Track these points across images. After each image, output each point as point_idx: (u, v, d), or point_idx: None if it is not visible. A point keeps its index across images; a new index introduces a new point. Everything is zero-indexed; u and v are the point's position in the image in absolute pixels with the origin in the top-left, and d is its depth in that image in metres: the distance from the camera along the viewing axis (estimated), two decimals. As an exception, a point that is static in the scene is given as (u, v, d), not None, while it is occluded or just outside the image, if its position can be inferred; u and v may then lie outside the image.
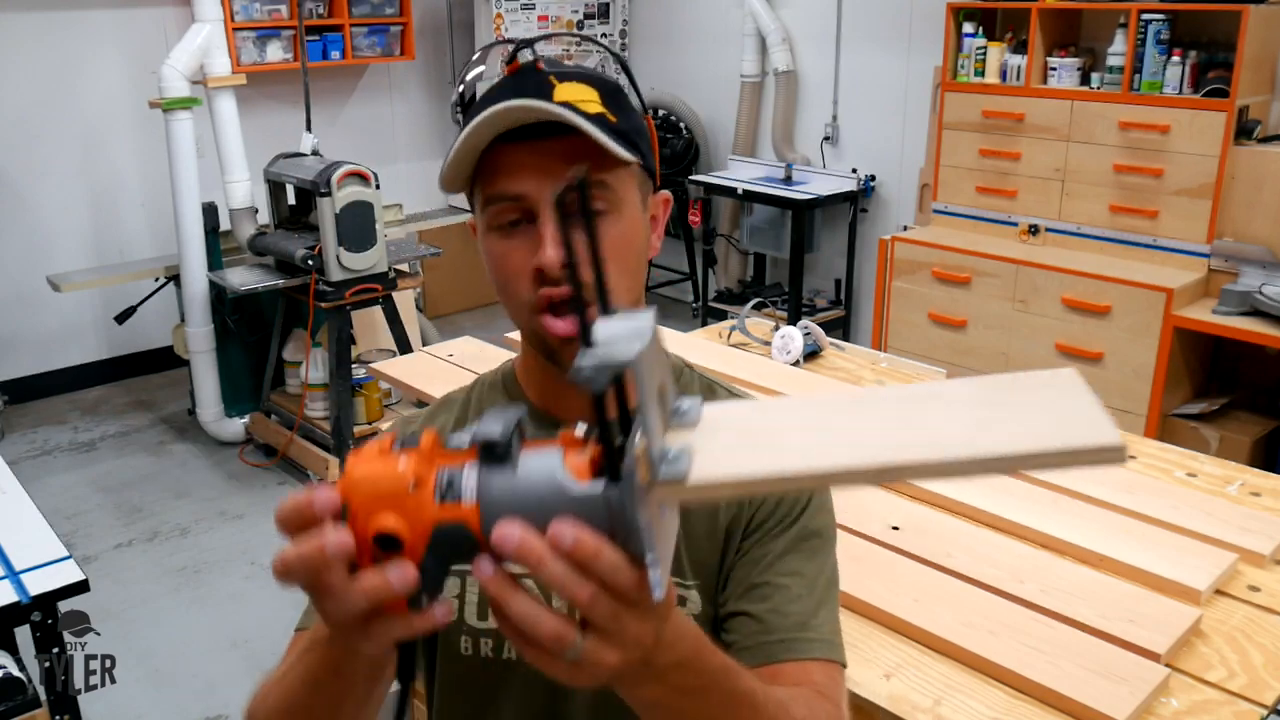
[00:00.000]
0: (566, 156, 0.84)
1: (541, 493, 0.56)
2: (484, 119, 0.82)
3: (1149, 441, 2.12)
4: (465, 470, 0.57)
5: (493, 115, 0.82)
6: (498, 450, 0.56)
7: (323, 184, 3.59)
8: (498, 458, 0.57)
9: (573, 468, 0.56)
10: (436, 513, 0.56)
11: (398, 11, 5.27)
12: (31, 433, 4.49)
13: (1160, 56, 3.60)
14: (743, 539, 0.94)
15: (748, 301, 2.81)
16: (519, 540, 0.55)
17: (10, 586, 1.77)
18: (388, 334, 4.07)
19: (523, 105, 0.81)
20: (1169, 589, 1.53)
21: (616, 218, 0.88)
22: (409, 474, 0.56)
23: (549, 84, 0.85)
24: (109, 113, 4.75)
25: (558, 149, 0.84)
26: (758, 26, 5.20)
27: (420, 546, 0.57)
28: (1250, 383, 3.74)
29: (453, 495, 0.56)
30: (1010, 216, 4.08)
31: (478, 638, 0.95)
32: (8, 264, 4.61)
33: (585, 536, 0.55)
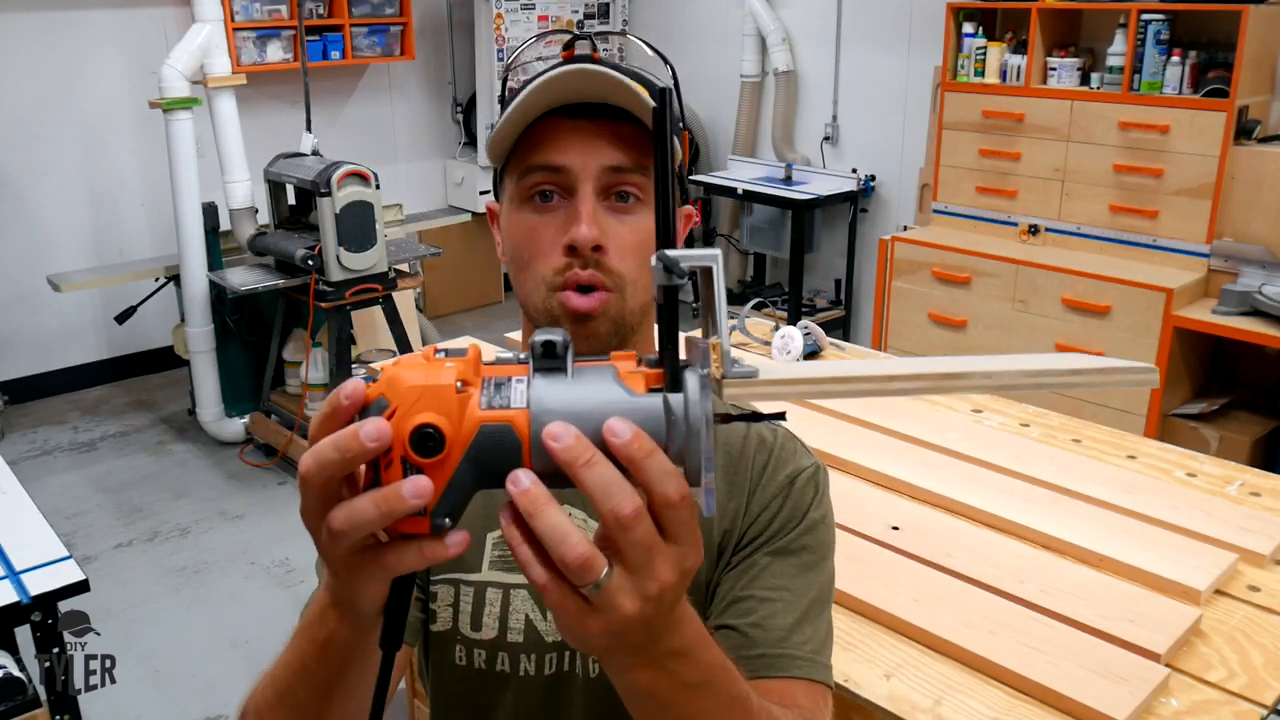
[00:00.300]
0: (614, 136, 0.84)
1: (598, 399, 0.54)
2: (545, 82, 0.81)
3: (1149, 441, 2.12)
4: (514, 380, 0.55)
5: (555, 78, 0.81)
6: (555, 357, 0.54)
7: (323, 184, 3.59)
8: (552, 365, 0.55)
9: (629, 381, 0.55)
10: (482, 415, 0.53)
11: (398, 11, 5.27)
12: (31, 433, 4.49)
13: (1160, 56, 3.60)
14: (733, 553, 0.91)
15: (748, 301, 2.81)
16: (572, 439, 0.52)
17: (10, 586, 1.77)
18: (388, 334, 4.07)
19: (589, 70, 0.80)
20: (1169, 589, 1.53)
21: (649, 212, 0.86)
22: (455, 374, 0.54)
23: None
24: (109, 113, 4.75)
25: (606, 129, 0.84)
26: (758, 26, 5.20)
27: (460, 450, 0.53)
28: (1250, 383, 3.74)
29: (501, 400, 0.54)
30: (1010, 216, 4.08)
31: (471, 649, 0.94)
32: (8, 264, 4.61)
33: (642, 432, 0.53)
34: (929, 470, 1.90)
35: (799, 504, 0.92)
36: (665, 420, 0.54)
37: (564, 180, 0.84)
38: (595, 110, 0.83)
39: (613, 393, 0.54)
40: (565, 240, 0.83)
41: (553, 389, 0.54)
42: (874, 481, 1.90)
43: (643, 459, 0.52)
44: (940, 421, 2.12)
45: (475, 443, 0.53)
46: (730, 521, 0.91)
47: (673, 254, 0.53)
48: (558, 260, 0.84)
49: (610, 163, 0.84)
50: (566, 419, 0.53)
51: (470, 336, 2.92)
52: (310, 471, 0.54)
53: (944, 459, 1.96)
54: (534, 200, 0.86)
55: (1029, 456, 1.95)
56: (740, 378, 0.53)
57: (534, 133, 0.85)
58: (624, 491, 0.52)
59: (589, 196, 0.84)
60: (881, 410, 2.16)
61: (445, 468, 0.53)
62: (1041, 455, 1.96)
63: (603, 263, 0.84)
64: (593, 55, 0.86)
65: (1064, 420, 2.19)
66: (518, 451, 0.53)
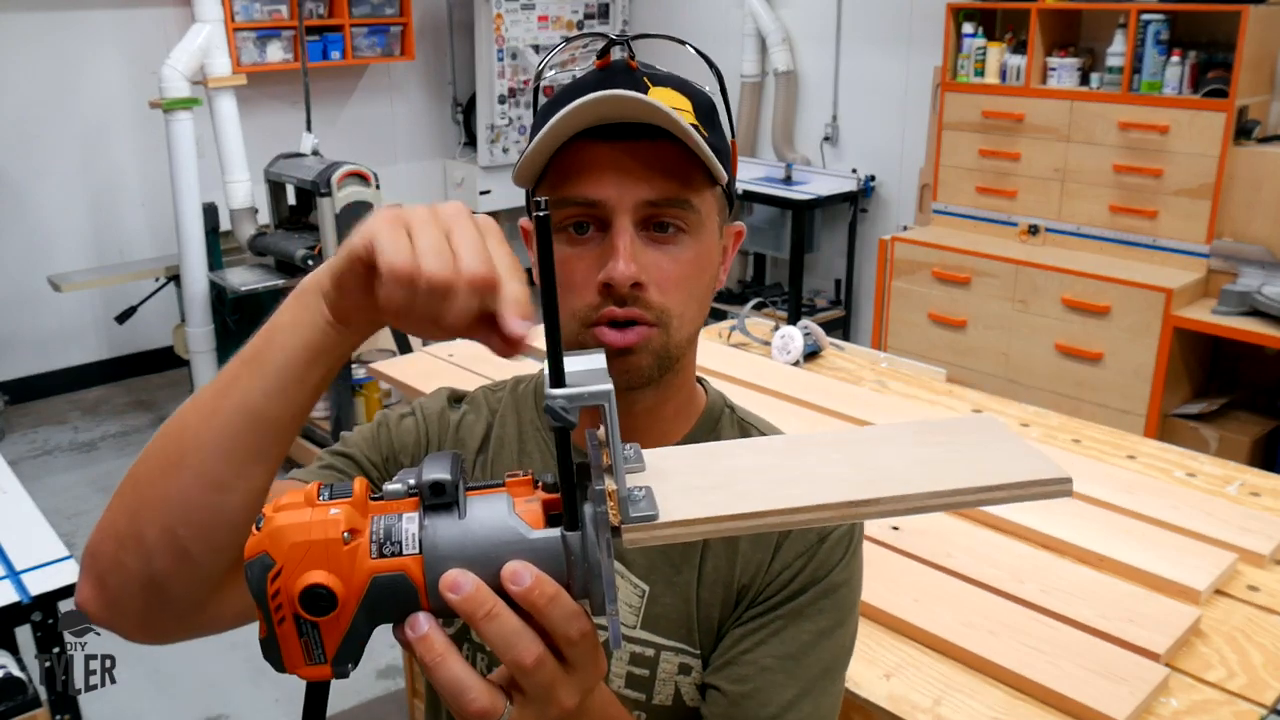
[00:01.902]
0: (653, 164, 0.77)
1: (494, 540, 0.52)
2: (577, 108, 0.74)
3: (1149, 441, 2.12)
4: (404, 519, 0.53)
5: (587, 105, 0.74)
6: (445, 495, 0.52)
7: (323, 184, 3.59)
8: (443, 503, 0.52)
9: (524, 514, 0.53)
10: (373, 565, 0.52)
11: (398, 11, 5.27)
12: (32, 433, 4.49)
13: (1160, 57, 3.61)
14: (749, 606, 0.86)
15: (748, 301, 2.80)
16: (471, 589, 0.51)
17: (11, 586, 1.77)
18: (388, 334, 4.07)
19: (624, 97, 0.74)
20: (1169, 589, 1.53)
21: (695, 239, 0.81)
22: (341, 524, 0.52)
23: (643, 85, 0.78)
24: (109, 113, 4.75)
25: (644, 154, 0.77)
26: (758, 26, 5.20)
27: (354, 602, 0.52)
28: (1250, 383, 3.74)
29: (392, 546, 0.52)
30: (1010, 216, 4.08)
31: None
32: (8, 264, 4.61)
33: (544, 577, 0.51)
34: (929, 470, 1.89)
35: (824, 564, 0.86)
36: (565, 559, 0.52)
37: (599, 213, 0.78)
38: (632, 130, 0.77)
39: (508, 532, 0.52)
40: (601, 277, 0.77)
41: (445, 530, 0.52)
42: (874, 481, 1.90)
43: (545, 605, 0.52)
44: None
45: (369, 594, 0.52)
46: (750, 576, 0.86)
47: (559, 394, 0.50)
48: (591, 296, 0.79)
49: (649, 196, 0.78)
50: (462, 563, 0.51)
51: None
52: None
53: (944, 459, 1.95)
54: (568, 231, 0.80)
55: (1029, 456, 1.94)
56: (638, 522, 0.51)
57: (566, 157, 0.78)
58: (524, 640, 0.52)
59: (626, 230, 0.77)
60: (882, 411, 2.16)
61: (340, 621, 0.52)
62: (1041, 455, 1.96)
63: (642, 298, 0.78)
64: (629, 63, 0.80)
65: (1064, 420, 2.19)
66: (414, 596, 0.52)
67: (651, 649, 0.86)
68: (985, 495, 0.53)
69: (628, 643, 0.86)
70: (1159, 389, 3.53)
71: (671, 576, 0.86)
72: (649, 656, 0.86)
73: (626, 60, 0.80)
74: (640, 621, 0.86)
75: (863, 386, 2.36)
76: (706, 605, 0.86)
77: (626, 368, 0.80)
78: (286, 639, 0.54)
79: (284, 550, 0.52)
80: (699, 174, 0.79)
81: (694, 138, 0.75)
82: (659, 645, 0.86)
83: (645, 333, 0.79)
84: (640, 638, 0.86)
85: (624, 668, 0.86)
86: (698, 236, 0.81)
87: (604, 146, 0.77)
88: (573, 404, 0.50)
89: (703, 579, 0.86)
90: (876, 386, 2.38)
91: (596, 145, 0.77)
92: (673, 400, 0.89)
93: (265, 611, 0.53)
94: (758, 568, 0.85)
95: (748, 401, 1.05)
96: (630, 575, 0.87)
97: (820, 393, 2.25)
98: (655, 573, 0.86)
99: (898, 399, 2.29)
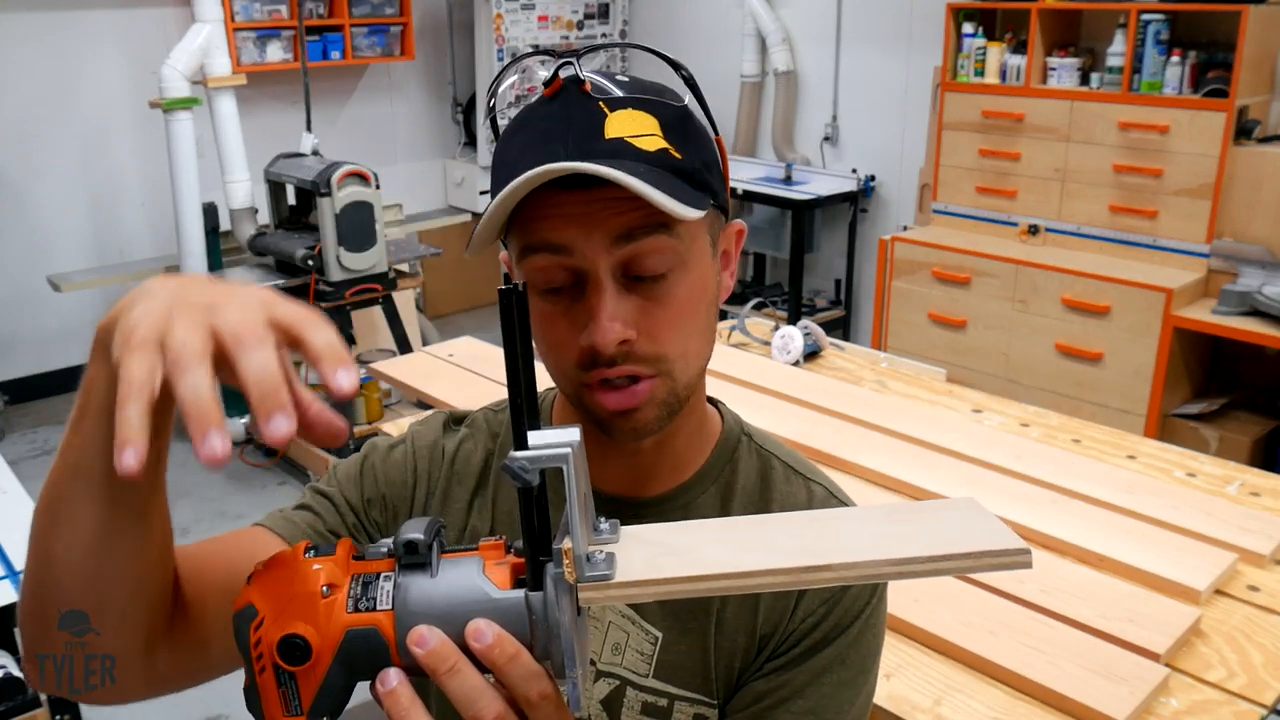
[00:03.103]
0: (619, 198, 0.68)
1: (461, 598, 0.54)
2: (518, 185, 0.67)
3: (1149, 441, 2.12)
4: (381, 578, 0.55)
5: (528, 180, 0.67)
6: (418, 554, 0.55)
7: (323, 184, 3.59)
8: (417, 563, 0.55)
9: (493, 576, 0.55)
10: (348, 619, 0.54)
11: (398, 11, 5.27)
12: (32, 433, 4.49)
13: (1160, 57, 3.61)
14: (770, 656, 0.81)
15: (748, 301, 2.80)
16: (435, 644, 0.52)
17: (10, 586, 1.77)
18: (388, 334, 4.08)
19: (564, 168, 0.66)
20: (1169, 589, 1.53)
21: (683, 274, 0.73)
22: (321, 579, 0.55)
23: (599, 113, 0.70)
24: (109, 113, 4.75)
25: (610, 197, 0.68)
26: (758, 26, 5.20)
27: (329, 654, 0.54)
28: (1250, 383, 3.74)
29: (367, 601, 0.55)
30: (1010, 216, 4.08)
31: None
32: (8, 264, 4.61)
33: (506, 635, 0.52)
34: (929, 470, 1.90)
35: (849, 611, 0.80)
36: (528, 619, 0.54)
37: (570, 262, 0.70)
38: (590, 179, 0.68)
39: (475, 591, 0.54)
40: (583, 342, 0.71)
41: (417, 587, 0.55)
42: (874, 481, 1.90)
43: (505, 663, 0.52)
44: (940, 422, 2.12)
45: (343, 646, 0.54)
46: (773, 625, 0.81)
47: (519, 457, 0.52)
48: (576, 357, 0.72)
49: (620, 230, 0.69)
50: (430, 619, 0.54)
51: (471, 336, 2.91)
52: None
53: (944, 459, 1.95)
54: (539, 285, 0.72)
55: (1029, 456, 1.95)
56: (594, 581, 0.53)
57: (526, 204, 0.70)
58: (485, 698, 0.53)
59: (604, 284, 0.70)
60: (882, 411, 2.16)
61: (316, 672, 0.55)
62: (1041, 455, 1.96)
63: (634, 353, 0.71)
64: (581, 87, 0.71)
65: (1064, 420, 2.19)
66: (386, 651, 0.54)
67: (665, 699, 0.82)
68: (937, 564, 0.54)
69: (640, 692, 0.82)
70: (1159, 389, 3.53)
71: (687, 623, 0.82)
72: (662, 706, 0.82)
73: (578, 82, 0.71)
74: (653, 670, 0.82)
75: (863, 386, 2.36)
76: (726, 654, 0.81)
77: (633, 425, 0.74)
78: (266, 688, 0.56)
79: (267, 602, 0.55)
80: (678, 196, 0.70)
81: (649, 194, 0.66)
82: (672, 695, 0.82)
83: (648, 387, 0.73)
84: (653, 686, 0.82)
85: (636, 717, 0.83)
86: (686, 266, 0.73)
87: (564, 195, 0.69)
88: (533, 465, 0.52)
89: (721, 626, 0.81)
90: (876, 386, 2.38)
91: (557, 194, 0.69)
92: (682, 430, 0.82)
93: (248, 660, 0.56)
94: (781, 615, 0.81)
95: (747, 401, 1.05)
96: (643, 621, 0.82)
97: (820, 393, 2.25)
98: (670, 619, 0.82)
99: (898, 399, 2.29)
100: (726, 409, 0.90)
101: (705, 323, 0.76)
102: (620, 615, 0.83)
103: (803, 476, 0.86)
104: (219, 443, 0.49)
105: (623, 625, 0.83)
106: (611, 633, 0.83)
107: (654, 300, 0.72)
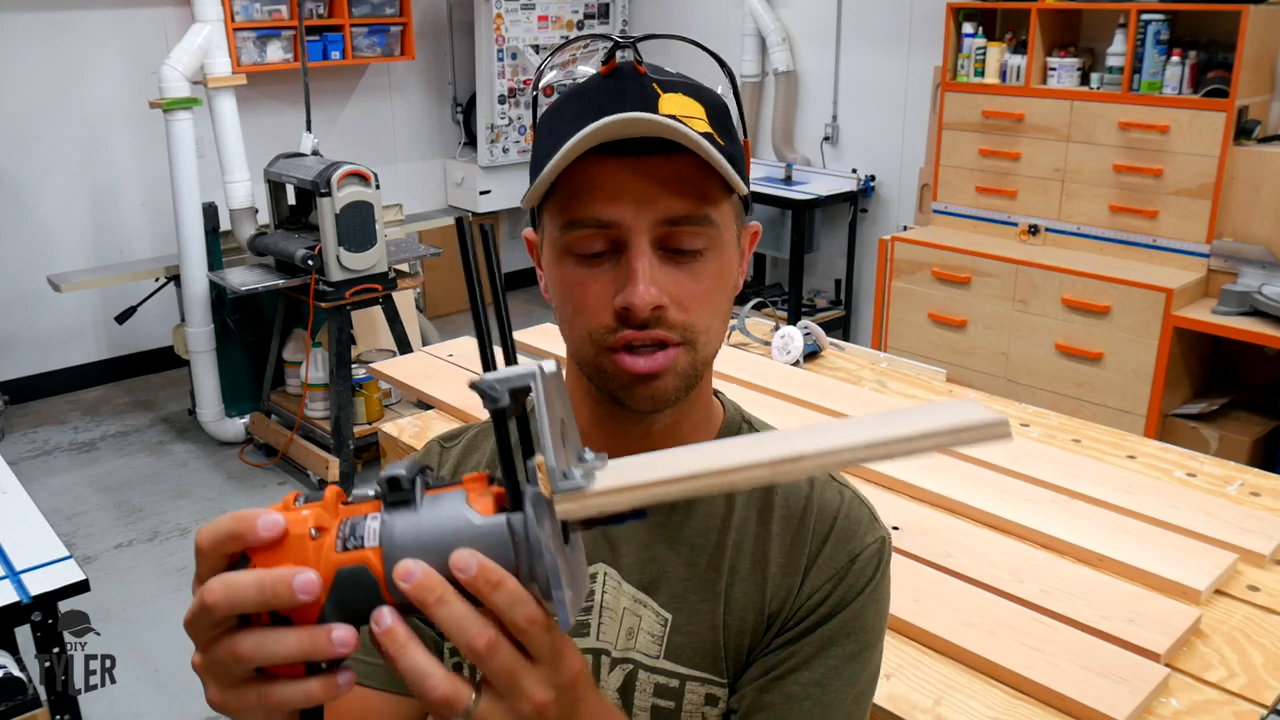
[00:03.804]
0: (669, 181, 0.73)
1: (445, 529, 0.54)
2: (592, 132, 0.71)
3: (1149, 441, 2.12)
4: (368, 519, 0.56)
5: (602, 128, 0.71)
6: (402, 491, 0.55)
7: (323, 184, 3.59)
8: (401, 499, 0.56)
9: (476, 505, 0.55)
10: (338, 559, 0.54)
11: (398, 11, 5.27)
12: (32, 433, 4.49)
13: (1160, 56, 3.61)
14: (778, 632, 0.83)
15: (748, 301, 2.80)
16: (420, 576, 0.52)
17: (10, 586, 1.77)
18: (388, 334, 4.07)
19: (640, 119, 0.71)
20: (1169, 589, 1.53)
21: (716, 254, 0.77)
22: (310, 523, 0.55)
23: (653, 93, 0.74)
24: (109, 113, 4.75)
25: (659, 170, 0.73)
26: (758, 26, 5.20)
27: (320, 594, 0.54)
28: (1250, 383, 3.74)
29: (355, 540, 0.55)
30: (1010, 216, 4.08)
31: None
32: (8, 264, 4.61)
33: (489, 564, 0.52)
34: (929, 470, 1.90)
35: (855, 585, 0.83)
36: (511, 542, 0.54)
37: (615, 234, 0.74)
38: (645, 144, 0.73)
39: (459, 520, 0.54)
40: (619, 302, 0.74)
41: (403, 522, 0.55)
42: (874, 481, 1.90)
43: (490, 592, 0.52)
44: (940, 421, 2.12)
45: (334, 585, 0.54)
46: (780, 602, 0.83)
47: (488, 378, 0.53)
48: (607, 319, 0.75)
49: (667, 214, 0.74)
50: (416, 552, 0.53)
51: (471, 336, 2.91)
52: (216, 601, 0.53)
53: (944, 459, 1.96)
54: (583, 257, 0.76)
55: (1029, 456, 1.95)
56: (568, 492, 0.53)
57: (576, 174, 0.74)
58: (475, 625, 0.52)
59: (643, 253, 0.74)
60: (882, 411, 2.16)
61: (309, 615, 0.54)
62: (1041, 455, 1.96)
63: (665, 319, 0.75)
64: (636, 68, 0.75)
65: (1064, 420, 2.19)
66: (376, 588, 0.54)
67: (676, 679, 0.84)
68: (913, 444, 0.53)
69: (652, 674, 0.84)
70: (1159, 389, 3.53)
71: (696, 604, 0.84)
72: (673, 688, 0.84)
73: (634, 64, 0.76)
74: (664, 651, 0.84)
75: (863, 386, 2.36)
76: (736, 633, 0.83)
77: (652, 393, 0.77)
78: None
79: (259, 554, 0.55)
80: (716, 185, 0.76)
81: (716, 157, 0.72)
82: (683, 675, 0.84)
83: (672, 354, 0.76)
84: (664, 668, 0.84)
85: (649, 700, 0.84)
86: (718, 250, 0.78)
87: (616, 163, 0.73)
88: (502, 384, 0.53)
89: (730, 605, 0.83)
90: (876, 386, 2.38)
91: (608, 162, 0.73)
92: (690, 416, 0.86)
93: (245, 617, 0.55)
94: (788, 592, 0.83)
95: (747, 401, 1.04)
96: (653, 604, 0.84)
97: (820, 393, 2.25)
98: (679, 601, 0.84)
99: (898, 399, 2.29)
100: (727, 398, 0.93)
101: (725, 307, 0.80)
102: (633, 600, 0.84)
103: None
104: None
105: (635, 610, 0.84)
106: (625, 619, 0.84)
107: (687, 274, 0.76)
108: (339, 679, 0.54)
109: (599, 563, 0.85)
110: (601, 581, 0.85)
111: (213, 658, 0.54)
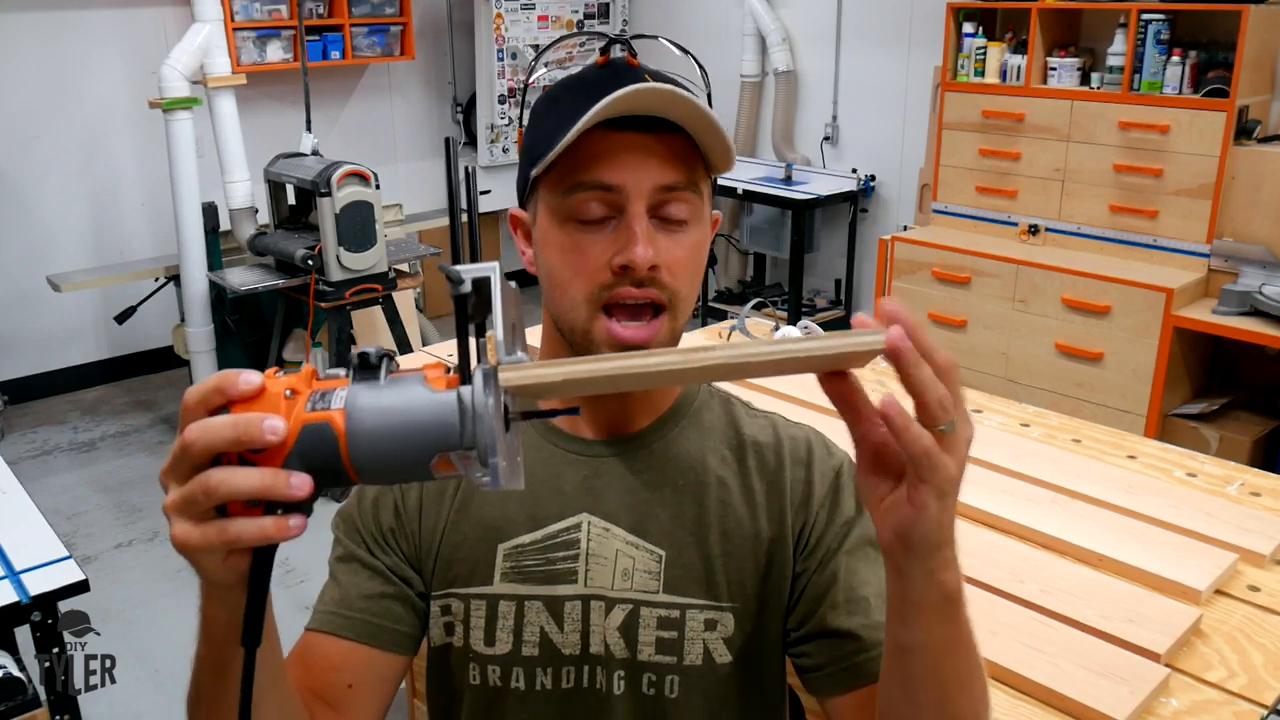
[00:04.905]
0: (664, 154, 0.82)
1: (403, 398, 0.61)
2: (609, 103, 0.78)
3: (1149, 441, 2.12)
4: (337, 390, 0.62)
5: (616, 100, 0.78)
6: (369, 366, 0.62)
7: (323, 184, 3.59)
8: (368, 373, 0.62)
9: (434, 384, 0.62)
10: (306, 416, 0.61)
11: (398, 11, 5.27)
12: (31, 433, 4.49)
13: (1160, 56, 3.60)
14: (806, 556, 0.91)
15: (748, 301, 2.80)
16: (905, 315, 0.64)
17: (10, 586, 1.77)
18: (388, 334, 4.07)
19: (663, 90, 0.78)
20: (1169, 589, 1.53)
21: (698, 226, 0.86)
22: (285, 384, 0.62)
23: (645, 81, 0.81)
24: (109, 113, 4.75)
25: (656, 145, 0.82)
26: (758, 26, 5.20)
27: (287, 441, 0.60)
28: (1250, 383, 3.74)
29: (323, 404, 0.61)
30: (1010, 216, 4.08)
31: (485, 665, 0.92)
32: (8, 264, 4.61)
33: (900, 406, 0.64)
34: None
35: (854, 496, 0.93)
36: (459, 411, 0.60)
37: (614, 199, 0.82)
38: (644, 122, 0.81)
39: (417, 392, 0.61)
40: (619, 260, 0.82)
41: (366, 393, 0.61)
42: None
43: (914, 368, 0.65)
44: (940, 421, 2.12)
45: (300, 439, 0.60)
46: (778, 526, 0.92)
47: (456, 267, 0.60)
48: (605, 277, 0.83)
49: (663, 181, 0.83)
50: (377, 417, 0.60)
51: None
52: (195, 439, 0.58)
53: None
54: (583, 220, 0.83)
55: (1029, 456, 1.95)
56: (512, 363, 0.61)
57: (580, 145, 0.81)
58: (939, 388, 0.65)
59: (642, 215, 0.82)
60: (881, 410, 2.15)
61: (274, 460, 0.60)
62: (1041, 455, 1.96)
63: (658, 280, 0.83)
64: (630, 61, 0.84)
65: (1064, 420, 2.19)
66: (336, 446, 0.60)
67: (676, 610, 0.90)
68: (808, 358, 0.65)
69: (654, 609, 0.90)
70: (1159, 389, 3.53)
71: (686, 538, 0.91)
72: (675, 619, 0.90)
73: (627, 59, 0.85)
74: (662, 586, 0.91)
75: (863, 386, 2.36)
76: (737, 560, 0.91)
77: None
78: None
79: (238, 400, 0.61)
80: (701, 165, 0.85)
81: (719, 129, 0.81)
82: (683, 605, 0.90)
83: (659, 325, 0.84)
84: (665, 601, 0.90)
85: (653, 634, 0.90)
86: (699, 223, 0.87)
87: (618, 135, 0.81)
88: (467, 273, 0.60)
89: (727, 536, 0.91)
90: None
91: (611, 134, 0.81)
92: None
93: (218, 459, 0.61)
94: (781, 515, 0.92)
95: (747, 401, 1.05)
96: (645, 544, 0.91)
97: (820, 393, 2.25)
98: (670, 537, 0.91)
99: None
100: None
101: (700, 279, 0.89)
102: (624, 542, 0.90)
103: (760, 411, 1.01)
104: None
105: (628, 551, 0.91)
106: (619, 560, 0.90)
107: (675, 241, 0.85)
108: (290, 521, 0.59)
109: (582, 513, 0.92)
110: (586, 530, 0.91)
111: (184, 494, 0.59)
